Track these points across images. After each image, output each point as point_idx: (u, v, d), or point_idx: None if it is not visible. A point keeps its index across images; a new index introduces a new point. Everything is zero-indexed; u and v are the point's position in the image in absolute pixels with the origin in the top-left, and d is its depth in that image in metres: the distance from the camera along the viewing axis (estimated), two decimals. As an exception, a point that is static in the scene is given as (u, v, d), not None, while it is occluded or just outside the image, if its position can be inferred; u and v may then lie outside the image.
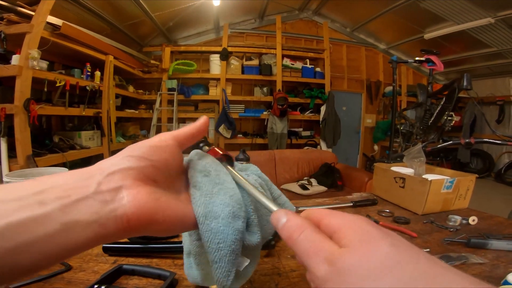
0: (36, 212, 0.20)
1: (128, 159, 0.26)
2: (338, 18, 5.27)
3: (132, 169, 0.25)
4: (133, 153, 0.26)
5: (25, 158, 1.98)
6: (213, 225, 0.27)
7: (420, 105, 2.44)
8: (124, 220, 0.23)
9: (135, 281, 0.57)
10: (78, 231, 0.21)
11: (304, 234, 0.21)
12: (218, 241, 0.27)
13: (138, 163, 0.26)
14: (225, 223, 0.28)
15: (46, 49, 2.14)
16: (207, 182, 0.30)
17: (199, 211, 0.28)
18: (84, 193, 0.23)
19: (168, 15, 3.94)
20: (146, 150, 0.27)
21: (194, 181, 0.30)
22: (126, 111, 3.70)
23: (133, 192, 0.24)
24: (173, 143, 0.30)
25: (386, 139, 5.18)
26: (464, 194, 1.01)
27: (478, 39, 4.24)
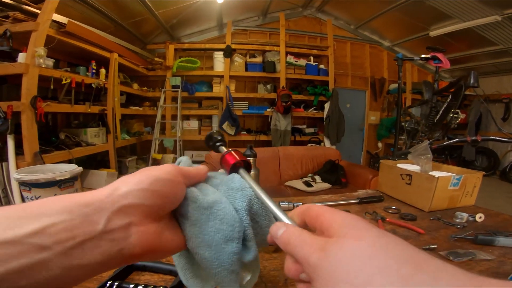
0: (36, 258, 0.18)
1: (144, 194, 0.25)
2: (342, 16, 5.24)
3: (145, 206, 0.25)
4: (151, 186, 0.25)
5: (32, 155, 2.00)
6: (207, 254, 0.28)
7: (426, 102, 2.43)
8: (128, 256, 0.23)
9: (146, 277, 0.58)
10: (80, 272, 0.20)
11: (300, 237, 0.22)
12: (215, 266, 0.28)
13: (152, 200, 0.25)
14: (218, 249, 0.28)
15: (52, 47, 2.15)
16: (194, 210, 0.29)
17: (191, 244, 0.28)
18: (91, 232, 0.21)
19: (172, 12, 3.93)
20: (162, 186, 0.26)
21: (182, 210, 0.29)
22: (130, 108, 3.72)
23: (141, 230, 0.24)
24: (181, 181, 0.29)
25: (390, 137, 5.15)
26: (471, 191, 1.00)
27: (484, 36, 4.19)
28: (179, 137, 3.93)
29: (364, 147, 5.59)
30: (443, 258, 0.67)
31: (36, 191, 0.85)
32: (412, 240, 0.78)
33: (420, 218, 0.92)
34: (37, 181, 0.82)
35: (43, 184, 0.84)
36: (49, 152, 2.19)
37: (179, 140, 3.94)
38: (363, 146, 5.60)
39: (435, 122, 2.28)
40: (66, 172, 0.85)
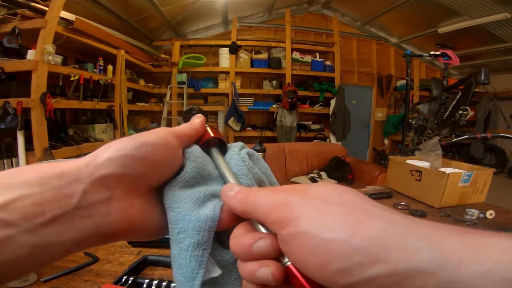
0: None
1: (127, 160, 0.21)
2: (348, 12, 5.18)
3: (129, 176, 0.21)
4: (137, 152, 0.21)
5: (42, 151, 2.03)
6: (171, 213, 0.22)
7: (435, 99, 2.40)
8: (107, 235, 0.20)
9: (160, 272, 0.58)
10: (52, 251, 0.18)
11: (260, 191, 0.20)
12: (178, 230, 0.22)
13: (138, 168, 0.21)
14: (187, 207, 0.22)
15: (60, 44, 2.17)
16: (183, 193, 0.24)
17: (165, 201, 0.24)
18: (64, 207, 0.18)
19: (177, 9, 3.93)
20: (149, 150, 0.22)
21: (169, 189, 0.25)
22: (137, 104, 3.75)
23: (123, 206, 0.21)
24: (175, 143, 0.24)
25: (397, 134, 5.11)
26: (481, 188, 1.00)
27: (494, 33, 4.11)
28: (185, 133, 3.95)
29: (370, 144, 5.55)
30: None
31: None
32: (422, 236, 0.78)
33: (430, 214, 0.91)
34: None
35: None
36: (58, 148, 2.22)
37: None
38: (369, 143, 5.56)
39: (444, 119, 2.25)
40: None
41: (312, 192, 0.17)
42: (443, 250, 0.13)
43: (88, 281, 0.53)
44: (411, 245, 0.13)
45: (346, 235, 0.14)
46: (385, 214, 0.15)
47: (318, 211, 0.16)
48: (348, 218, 0.15)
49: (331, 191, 0.17)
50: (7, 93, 2.22)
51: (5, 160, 1.89)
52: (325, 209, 0.16)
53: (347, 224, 0.15)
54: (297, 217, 0.16)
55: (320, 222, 0.15)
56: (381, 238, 0.14)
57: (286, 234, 0.16)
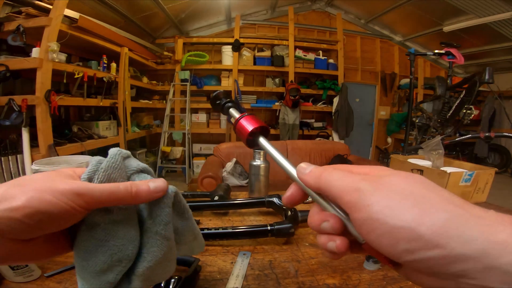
0: None
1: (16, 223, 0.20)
2: (351, 9, 5.14)
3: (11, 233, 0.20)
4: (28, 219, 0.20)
5: (47, 147, 2.05)
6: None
7: (439, 97, 2.38)
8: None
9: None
10: None
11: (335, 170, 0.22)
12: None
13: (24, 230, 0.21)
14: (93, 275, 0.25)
15: (64, 42, 2.19)
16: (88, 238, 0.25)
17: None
18: None
19: (180, 6, 3.94)
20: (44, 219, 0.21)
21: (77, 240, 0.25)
22: (140, 102, 3.77)
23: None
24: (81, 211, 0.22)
25: (400, 132, 5.08)
26: (482, 187, 0.99)
27: (500, 32, 4.06)
28: (187, 130, 3.97)
29: (373, 142, 5.53)
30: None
31: (52, 182, 0.87)
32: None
33: (430, 213, 0.91)
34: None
35: (59, 175, 0.86)
36: (62, 145, 2.25)
37: (188, 133, 3.98)
38: (372, 141, 5.54)
39: (448, 118, 2.24)
40: (83, 164, 0.88)
41: (384, 181, 0.19)
42: (493, 241, 0.15)
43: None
44: (467, 236, 0.16)
45: (413, 224, 0.17)
46: (449, 208, 0.17)
47: (389, 200, 0.18)
48: (415, 210, 0.17)
49: (402, 182, 0.19)
50: (12, 91, 2.24)
51: (10, 156, 1.91)
52: (395, 199, 0.18)
53: (414, 214, 0.17)
54: (369, 204, 0.18)
55: (391, 210, 0.18)
56: (442, 229, 0.16)
57: (359, 218, 0.19)
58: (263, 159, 1.00)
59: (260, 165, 1.00)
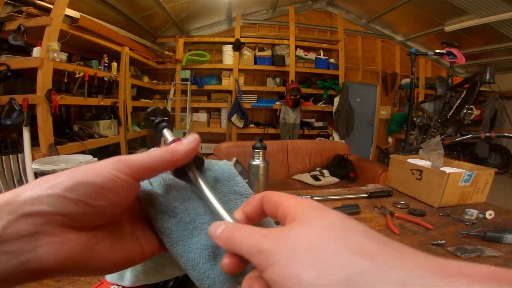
0: None
1: (57, 200, 0.18)
2: (352, 9, 5.13)
3: (61, 215, 0.18)
4: (71, 192, 0.19)
5: (48, 147, 2.06)
6: (195, 274, 0.24)
7: (439, 97, 2.38)
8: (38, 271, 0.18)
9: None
10: None
11: (243, 229, 0.20)
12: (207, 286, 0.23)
13: (75, 208, 0.19)
14: (207, 268, 0.24)
15: (65, 41, 2.20)
16: (175, 225, 0.25)
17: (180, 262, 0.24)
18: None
19: (181, 6, 3.94)
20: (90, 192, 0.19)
21: (160, 226, 0.24)
22: (141, 101, 3.78)
23: (56, 241, 0.18)
24: (127, 180, 0.21)
25: (401, 132, 5.07)
26: (482, 188, 0.99)
27: (502, 32, 4.05)
28: (188, 129, 3.98)
29: (374, 142, 5.53)
30: (451, 254, 0.67)
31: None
32: (420, 235, 0.78)
33: (429, 214, 0.91)
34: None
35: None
36: (63, 144, 2.25)
37: (189, 132, 3.98)
38: (373, 141, 5.54)
39: (448, 118, 2.23)
40: (83, 162, 0.88)
41: (288, 236, 0.17)
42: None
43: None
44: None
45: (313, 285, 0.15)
46: (353, 262, 0.15)
47: (287, 259, 0.16)
48: (314, 270, 0.15)
49: (308, 235, 0.17)
50: (13, 90, 2.25)
51: (10, 155, 1.92)
52: (295, 258, 0.16)
53: (312, 276, 0.15)
54: (270, 265, 0.17)
55: (288, 271, 0.16)
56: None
57: (266, 279, 0.17)
58: (262, 159, 1.01)
59: (259, 164, 1.00)
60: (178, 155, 0.24)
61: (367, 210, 0.94)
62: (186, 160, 0.25)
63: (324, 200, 1.01)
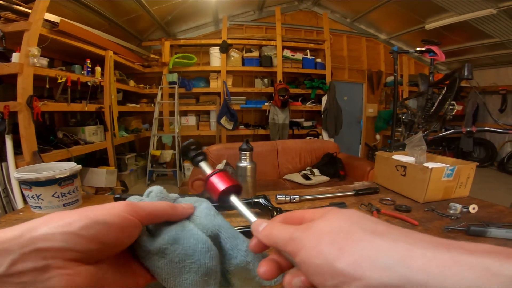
0: None
1: (70, 238, 0.20)
2: (338, 9, 5.21)
3: (72, 251, 0.20)
4: (85, 231, 0.20)
5: (31, 154, 2.00)
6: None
7: (422, 94, 2.44)
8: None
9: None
10: None
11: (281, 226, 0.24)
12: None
13: (84, 245, 0.20)
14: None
15: (46, 46, 2.15)
16: (165, 265, 0.26)
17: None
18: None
19: (166, 9, 3.91)
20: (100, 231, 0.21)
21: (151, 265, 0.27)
22: (127, 106, 3.72)
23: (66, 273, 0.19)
24: (134, 223, 0.24)
25: (388, 129, 5.17)
26: (464, 182, 1.02)
27: (480, 29, 4.18)
28: (177, 133, 3.94)
29: (362, 139, 5.61)
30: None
31: (37, 189, 0.86)
32: (406, 230, 0.79)
33: (414, 209, 0.93)
34: (37, 180, 0.83)
35: (44, 183, 0.85)
36: (47, 151, 2.20)
37: (178, 136, 3.95)
38: (361, 139, 5.62)
39: (431, 114, 2.29)
40: (66, 170, 0.86)
41: (313, 226, 0.22)
42: (412, 267, 0.15)
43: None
44: (381, 264, 0.16)
45: (333, 260, 0.18)
46: (366, 238, 0.18)
47: (315, 242, 0.20)
48: (335, 246, 0.18)
49: (328, 224, 0.21)
50: (-7, 97, 2.18)
51: (-8, 165, 1.86)
52: (320, 240, 0.20)
53: (334, 251, 0.18)
54: (300, 249, 0.21)
55: (314, 251, 0.19)
56: (357, 261, 0.17)
57: (297, 262, 0.21)
58: (249, 160, 1.00)
59: (246, 166, 1.00)
60: (177, 212, 0.29)
61: (354, 207, 0.95)
62: (182, 218, 0.29)
63: (313, 199, 1.02)
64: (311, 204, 0.98)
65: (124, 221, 0.23)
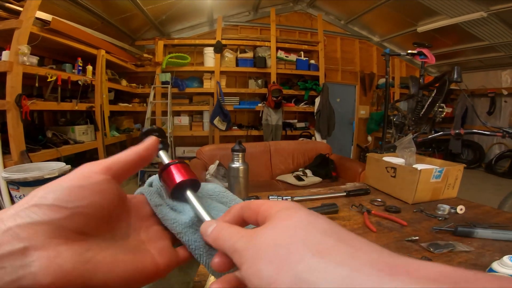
0: None
1: (36, 210, 0.18)
2: (332, 11, 5.25)
3: (44, 223, 0.18)
4: (43, 200, 0.19)
5: (19, 154, 1.96)
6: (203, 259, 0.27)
7: (412, 96, 2.48)
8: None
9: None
10: None
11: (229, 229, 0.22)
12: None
13: (52, 214, 0.18)
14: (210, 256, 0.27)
15: (36, 45, 2.11)
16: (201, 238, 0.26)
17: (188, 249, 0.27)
18: None
19: (161, 8, 3.88)
20: (62, 195, 0.19)
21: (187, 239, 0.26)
22: (119, 105, 3.67)
23: (49, 255, 0.17)
24: (104, 178, 0.22)
25: (380, 130, 5.23)
26: (452, 183, 1.04)
27: (471, 32, 4.27)
28: (170, 133, 3.91)
29: (354, 141, 5.67)
30: (424, 250, 0.69)
31: (25, 189, 0.85)
32: (396, 232, 0.80)
33: (404, 210, 0.95)
34: (25, 180, 0.82)
35: (31, 183, 0.84)
36: (36, 151, 2.15)
37: (170, 136, 3.92)
38: (353, 140, 5.68)
39: (421, 116, 2.33)
40: (55, 170, 0.85)
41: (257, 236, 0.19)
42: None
43: None
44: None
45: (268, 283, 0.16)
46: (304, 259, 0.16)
47: (253, 259, 0.18)
48: (271, 266, 0.16)
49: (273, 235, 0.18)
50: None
51: (-21, 165, 1.81)
52: (261, 256, 0.17)
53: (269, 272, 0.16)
54: (242, 263, 0.19)
55: (253, 269, 0.17)
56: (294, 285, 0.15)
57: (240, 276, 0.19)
58: (241, 161, 1.01)
59: (239, 167, 1.00)
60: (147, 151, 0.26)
61: (345, 208, 0.96)
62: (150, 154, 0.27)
63: (305, 200, 1.03)
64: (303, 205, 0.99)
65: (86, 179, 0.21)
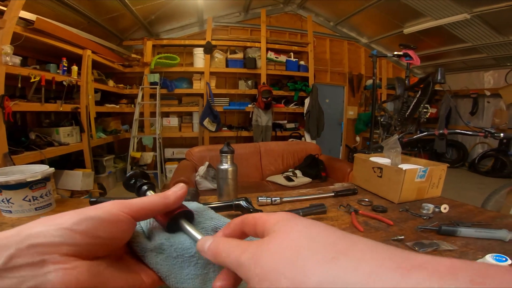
0: None
1: (66, 233, 0.21)
2: (322, 12, 5.31)
3: (67, 245, 0.20)
4: (77, 226, 0.21)
5: (2, 157, 1.90)
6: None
7: (398, 97, 2.54)
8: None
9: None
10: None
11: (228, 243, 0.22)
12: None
13: (78, 239, 0.21)
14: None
15: (19, 44, 2.06)
16: (164, 261, 0.27)
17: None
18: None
19: (150, 8, 3.83)
20: (93, 225, 0.22)
21: (149, 262, 0.27)
22: (106, 106, 3.60)
23: (64, 267, 0.20)
24: (126, 219, 0.24)
25: (368, 131, 5.31)
26: (436, 182, 1.06)
27: (455, 34, 4.39)
28: (158, 134, 3.86)
29: (343, 141, 5.74)
30: (410, 249, 0.70)
31: (7, 193, 0.82)
32: (382, 231, 0.82)
33: (390, 209, 0.96)
34: (7, 183, 0.79)
35: (14, 186, 0.81)
36: (19, 153, 2.10)
37: (159, 137, 3.87)
38: (342, 140, 5.75)
39: (407, 117, 2.38)
40: (38, 173, 0.83)
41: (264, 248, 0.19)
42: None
43: None
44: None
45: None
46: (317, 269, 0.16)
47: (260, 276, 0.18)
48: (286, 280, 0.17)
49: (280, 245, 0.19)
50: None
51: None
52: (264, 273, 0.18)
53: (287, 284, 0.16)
54: (249, 279, 0.19)
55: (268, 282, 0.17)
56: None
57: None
58: (230, 163, 1.00)
59: (227, 168, 1.00)
60: (169, 200, 0.28)
61: (333, 209, 0.98)
62: (176, 204, 0.28)
63: (293, 201, 1.03)
64: (291, 205, 0.99)
65: (115, 216, 0.24)
